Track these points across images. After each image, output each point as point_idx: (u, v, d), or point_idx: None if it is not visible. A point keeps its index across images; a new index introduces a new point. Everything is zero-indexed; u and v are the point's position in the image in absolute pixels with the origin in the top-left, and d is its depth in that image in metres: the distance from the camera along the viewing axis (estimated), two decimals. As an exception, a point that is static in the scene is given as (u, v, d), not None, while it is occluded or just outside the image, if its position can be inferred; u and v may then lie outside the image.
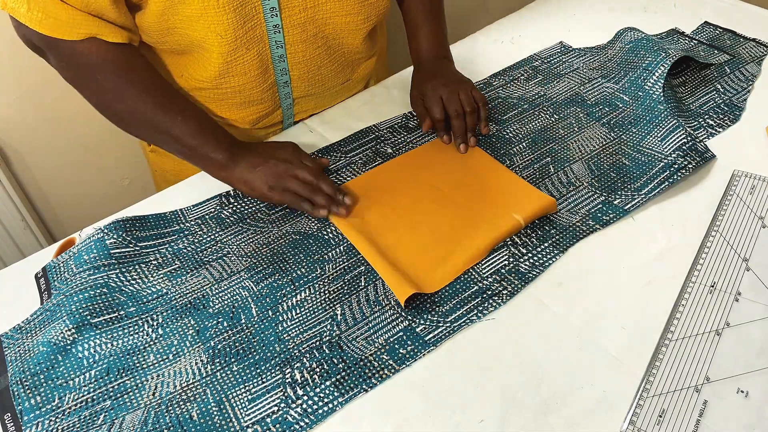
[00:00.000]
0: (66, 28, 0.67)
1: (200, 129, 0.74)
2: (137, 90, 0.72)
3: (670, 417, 0.54)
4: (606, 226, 0.71)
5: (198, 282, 0.68)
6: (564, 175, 0.78)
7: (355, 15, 0.79)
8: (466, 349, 0.61)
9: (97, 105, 0.74)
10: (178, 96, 0.75)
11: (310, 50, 0.79)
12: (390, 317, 0.63)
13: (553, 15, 1.10)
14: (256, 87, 0.80)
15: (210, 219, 0.75)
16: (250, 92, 0.80)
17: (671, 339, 0.60)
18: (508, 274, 0.66)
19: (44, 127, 1.10)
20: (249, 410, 0.57)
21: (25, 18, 0.66)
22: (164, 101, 0.73)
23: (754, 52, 0.96)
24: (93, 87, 0.72)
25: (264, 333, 0.63)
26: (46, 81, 1.05)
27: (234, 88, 0.79)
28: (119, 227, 0.71)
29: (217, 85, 0.78)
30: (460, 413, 0.56)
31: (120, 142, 1.21)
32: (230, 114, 0.83)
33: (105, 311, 0.64)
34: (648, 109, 0.85)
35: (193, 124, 0.74)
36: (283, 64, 0.79)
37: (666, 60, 0.87)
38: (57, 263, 0.70)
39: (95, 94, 0.73)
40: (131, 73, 0.72)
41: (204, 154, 0.74)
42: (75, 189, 1.22)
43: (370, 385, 0.58)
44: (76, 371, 0.60)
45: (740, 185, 0.74)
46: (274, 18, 0.73)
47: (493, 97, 0.92)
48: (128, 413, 0.57)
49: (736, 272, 0.65)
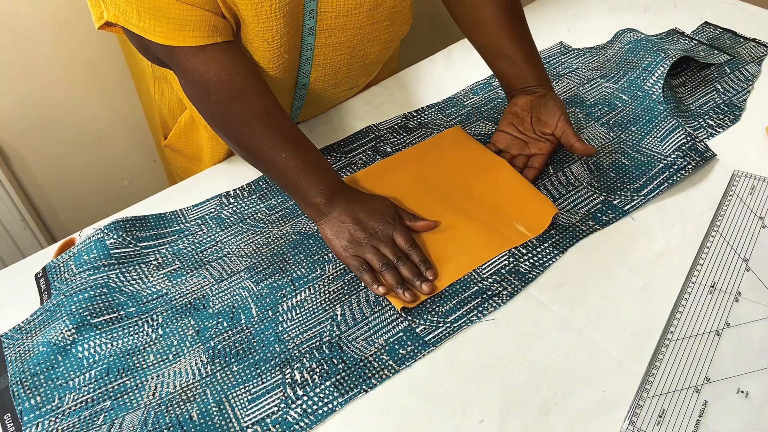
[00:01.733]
0: (179, 31, 0.63)
1: (303, 169, 0.69)
2: (247, 116, 0.68)
3: (670, 417, 0.54)
4: (606, 226, 0.71)
5: (198, 282, 0.68)
6: (563, 176, 0.78)
7: (384, 30, 0.78)
8: (466, 349, 0.61)
9: (212, 126, 0.72)
10: (290, 128, 0.71)
11: (333, 55, 0.78)
12: (390, 317, 0.63)
13: (553, 15, 1.10)
14: (279, 89, 0.78)
15: (210, 219, 0.75)
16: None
17: (671, 339, 0.60)
18: (508, 274, 0.66)
19: (44, 127, 1.10)
20: (249, 410, 0.57)
21: (138, 27, 0.63)
22: (274, 132, 0.69)
23: (754, 52, 0.96)
24: (211, 108, 0.69)
25: (264, 333, 0.63)
26: (46, 81, 1.05)
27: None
28: (119, 227, 0.71)
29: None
30: (460, 413, 0.56)
31: (120, 142, 1.21)
32: None
33: (105, 311, 0.64)
34: (648, 109, 0.85)
35: (297, 163, 0.69)
36: (307, 67, 0.78)
37: (666, 60, 0.87)
38: (57, 263, 0.70)
39: (210, 116, 0.70)
40: (246, 96, 0.68)
41: (302, 195, 0.70)
42: (75, 189, 1.22)
43: (370, 385, 0.58)
44: (76, 371, 0.60)
45: (740, 185, 0.74)
46: (310, 20, 0.72)
47: (493, 97, 0.92)
48: (128, 413, 0.57)
49: (736, 272, 0.65)
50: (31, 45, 1.00)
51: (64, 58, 1.04)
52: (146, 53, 0.70)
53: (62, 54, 1.04)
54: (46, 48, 1.02)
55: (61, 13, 1.00)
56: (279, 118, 0.70)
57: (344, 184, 0.73)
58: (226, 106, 0.67)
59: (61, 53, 1.03)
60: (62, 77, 1.06)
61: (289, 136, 0.70)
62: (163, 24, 0.63)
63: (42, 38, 1.00)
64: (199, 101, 0.70)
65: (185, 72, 0.67)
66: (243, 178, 0.81)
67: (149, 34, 0.63)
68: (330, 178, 0.71)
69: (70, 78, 1.07)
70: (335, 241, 0.69)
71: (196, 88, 0.68)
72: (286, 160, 0.69)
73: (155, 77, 0.86)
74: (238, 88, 0.67)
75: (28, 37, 0.99)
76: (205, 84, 0.67)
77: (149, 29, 0.63)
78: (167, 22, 0.63)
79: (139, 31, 0.64)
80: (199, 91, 0.68)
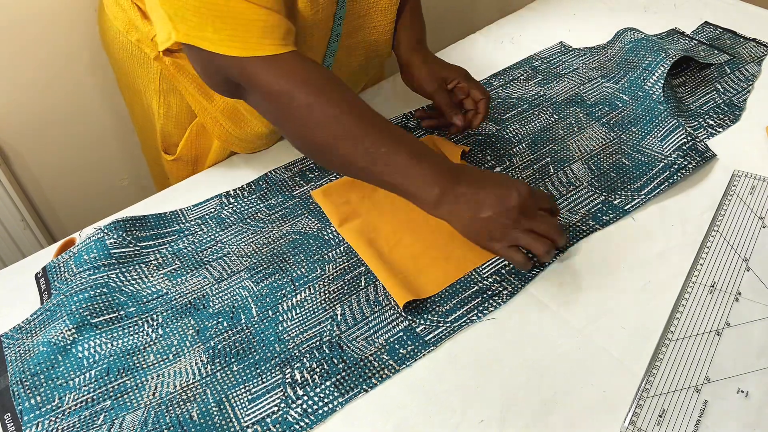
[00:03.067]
0: (257, 39, 0.61)
1: (409, 162, 0.63)
2: (336, 113, 0.63)
3: (671, 417, 0.54)
4: (606, 226, 0.71)
5: (198, 282, 0.68)
6: (564, 175, 0.78)
7: (391, 28, 0.79)
8: (466, 349, 0.61)
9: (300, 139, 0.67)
10: (379, 118, 0.66)
11: (344, 57, 0.78)
12: (390, 317, 0.63)
13: (553, 15, 1.10)
14: None
15: (210, 219, 0.75)
16: None
17: (671, 339, 0.60)
18: (508, 274, 0.66)
19: (44, 127, 1.10)
20: (249, 410, 0.57)
21: (211, 42, 0.60)
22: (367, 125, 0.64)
23: (754, 52, 0.96)
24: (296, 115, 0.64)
25: (264, 333, 0.63)
26: (46, 81, 1.05)
27: None
28: (119, 227, 0.71)
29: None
30: (460, 413, 0.56)
31: (120, 142, 1.21)
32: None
33: (105, 311, 0.64)
34: (648, 109, 0.85)
35: (401, 157, 0.63)
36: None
37: (666, 60, 0.87)
38: (57, 263, 0.70)
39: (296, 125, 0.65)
40: (330, 92, 0.64)
41: (413, 193, 0.65)
42: (75, 189, 1.22)
43: (370, 385, 0.58)
44: (76, 371, 0.60)
45: (740, 185, 0.74)
46: (338, 27, 0.72)
47: (493, 97, 0.91)
48: (128, 413, 0.57)
49: (736, 272, 0.65)
50: (31, 45, 1.00)
51: (64, 59, 1.04)
52: (213, 77, 0.66)
53: (62, 54, 1.04)
54: (46, 48, 1.02)
55: (61, 13, 1.00)
56: (366, 109, 0.65)
57: (458, 167, 0.67)
58: (313, 107, 0.63)
59: (60, 53, 1.03)
60: (62, 77, 1.06)
61: (383, 127, 0.65)
62: (240, 34, 0.61)
63: (42, 38, 1.00)
64: (283, 111, 0.65)
65: (262, 84, 0.63)
66: (243, 178, 0.81)
67: (224, 47, 0.61)
68: (440, 166, 0.65)
69: (70, 78, 1.07)
70: (477, 236, 0.65)
71: (277, 98, 0.64)
72: (388, 155, 0.63)
73: (161, 91, 0.83)
74: (320, 86, 0.64)
75: (28, 37, 0.99)
76: (288, 90, 0.63)
77: (225, 40, 0.60)
78: (244, 30, 0.61)
79: (213, 47, 0.61)
80: (282, 100, 0.63)
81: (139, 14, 0.78)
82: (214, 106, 0.79)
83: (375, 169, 0.64)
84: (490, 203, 0.64)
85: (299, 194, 0.78)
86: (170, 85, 0.81)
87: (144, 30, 0.78)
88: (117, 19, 0.81)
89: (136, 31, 0.79)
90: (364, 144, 0.63)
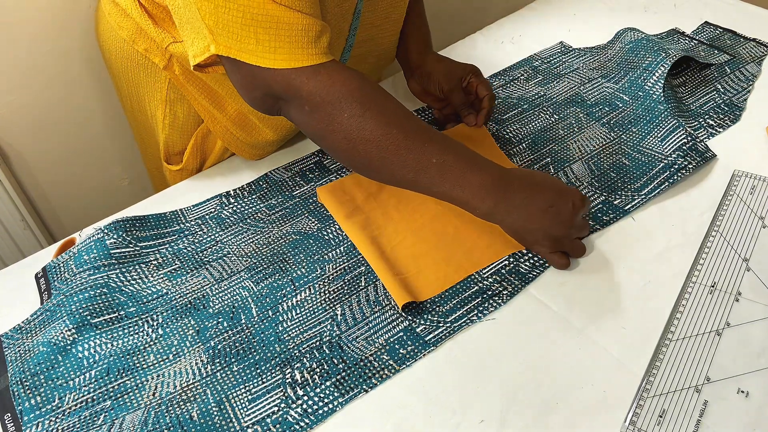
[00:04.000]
0: (303, 49, 0.59)
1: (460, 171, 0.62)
2: (383, 124, 0.61)
3: (671, 417, 0.54)
4: (606, 226, 0.71)
5: (198, 282, 0.68)
6: (564, 176, 0.78)
7: (398, 37, 0.81)
8: (466, 349, 0.61)
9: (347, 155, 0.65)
10: (426, 127, 0.65)
11: (353, 65, 0.79)
12: (390, 317, 0.63)
13: (553, 15, 1.10)
14: None
15: (210, 219, 0.75)
16: None
17: (671, 339, 0.60)
18: (509, 274, 0.66)
19: (44, 127, 1.10)
20: (249, 410, 0.57)
21: (255, 54, 0.58)
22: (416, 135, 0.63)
23: (754, 52, 0.96)
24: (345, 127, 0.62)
25: (264, 333, 0.63)
26: (46, 81, 1.05)
27: None
28: (119, 227, 0.71)
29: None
30: (460, 413, 0.55)
31: (120, 143, 1.21)
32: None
33: (105, 311, 0.64)
34: (648, 109, 0.85)
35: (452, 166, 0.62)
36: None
37: (666, 60, 0.87)
38: (57, 263, 0.70)
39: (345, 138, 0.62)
40: (377, 102, 0.62)
41: (466, 201, 0.64)
42: (75, 189, 1.22)
43: (370, 385, 0.58)
44: (76, 371, 0.60)
45: (740, 185, 0.74)
46: (351, 38, 0.73)
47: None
48: (128, 413, 0.57)
49: (737, 272, 0.65)
50: (31, 45, 1.00)
51: (64, 58, 1.04)
52: (253, 92, 0.64)
53: (62, 54, 1.03)
54: (46, 48, 1.02)
55: (61, 13, 1.00)
56: (413, 119, 0.64)
57: (509, 173, 0.65)
58: (362, 118, 0.61)
59: (60, 53, 1.03)
60: (62, 77, 1.06)
61: (431, 136, 0.64)
62: (284, 44, 0.59)
63: (42, 38, 1.00)
64: (330, 124, 0.62)
65: (308, 96, 0.61)
66: (243, 178, 0.81)
67: (267, 59, 0.59)
68: (493, 174, 0.64)
69: (70, 78, 1.07)
70: (538, 244, 0.67)
71: (325, 110, 0.61)
72: (439, 166, 0.62)
73: (168, 100, 0.81)
74: (368, 96, 0.62)
75: (28, 37, 0.99)
76: (336, 100, 0.61)
77: (268, 51, 0.59)
78: (288, 40, 0.59)
79: (255, 60, 0.59)
80: (329, 111, 0.61)
81: (150, 21, 0.75)
82: (225, 116, 0.79)
83: (425, 181, 0.63)
84: (542, 216, 0.65)
85: (299, 194, 0.78)
86: (178, 94, 0.80)
87: (155, 37, 0.75)
88: (122, 29, 0.79)
89: (145, 39, 0.77)
90: (415, 155, 0.62)
